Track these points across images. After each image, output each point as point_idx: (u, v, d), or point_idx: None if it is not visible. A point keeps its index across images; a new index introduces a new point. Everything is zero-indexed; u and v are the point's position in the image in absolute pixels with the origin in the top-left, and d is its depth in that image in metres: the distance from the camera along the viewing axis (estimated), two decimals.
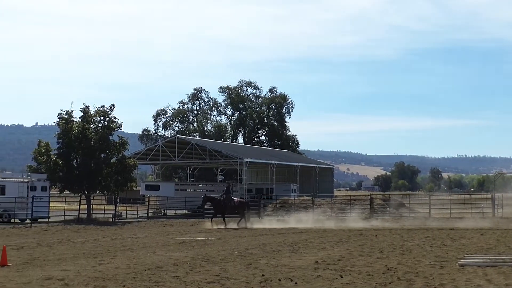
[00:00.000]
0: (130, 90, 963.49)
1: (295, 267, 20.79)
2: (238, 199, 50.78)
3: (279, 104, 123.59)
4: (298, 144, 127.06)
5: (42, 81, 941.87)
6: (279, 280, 17.77)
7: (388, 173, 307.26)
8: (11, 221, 50.87)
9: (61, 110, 57.45)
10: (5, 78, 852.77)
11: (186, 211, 70.84)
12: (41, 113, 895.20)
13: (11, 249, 26.29)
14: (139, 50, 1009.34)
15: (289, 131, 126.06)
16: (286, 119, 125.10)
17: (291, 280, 17.68)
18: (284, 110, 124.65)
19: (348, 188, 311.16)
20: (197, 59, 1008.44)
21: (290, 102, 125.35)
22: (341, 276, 18.46)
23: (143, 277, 18.21)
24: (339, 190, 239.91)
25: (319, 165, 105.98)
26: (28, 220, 49.82)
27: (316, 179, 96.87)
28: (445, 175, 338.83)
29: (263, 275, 18.66)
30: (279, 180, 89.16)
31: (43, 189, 54.25)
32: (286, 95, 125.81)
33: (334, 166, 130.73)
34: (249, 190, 79.89)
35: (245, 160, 79.50)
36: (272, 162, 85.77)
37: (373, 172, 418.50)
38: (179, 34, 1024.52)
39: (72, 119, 57.34)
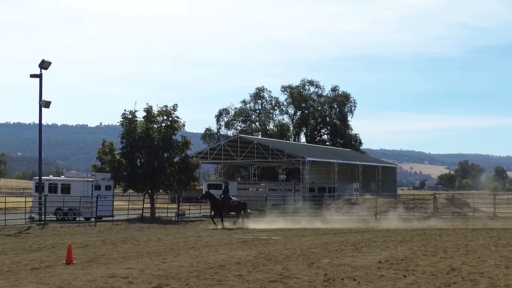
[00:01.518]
0: (192, 90, 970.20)
1: (358, 266, 20.66)
2: (236, 199, 49.65)
3: (341, 102, 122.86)
4: (360, 143, 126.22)
5: (106, 81, 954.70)
6: (342, 279, 17.69)
7: (452, 172, 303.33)
8: (76, 219, 51.60)
9: (125, 110, 58.18)
10: (70, 79, 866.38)
11: (249, 210, 70.93)
12: (105, 113, 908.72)
13: (77, 247, 26.67)
14: (202, 50, 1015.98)
15: (352, 130, 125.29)
16: (349, 118, 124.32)
17: (354, 280, 17.58)
18: (346, 109, 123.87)
19: (411, 187, 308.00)
20: (259, 58, 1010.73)
21: (352, 101, 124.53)
22: (404, 276, 18.29)
23: (206, 276, 18.28)
24: (402, 189, 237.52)
25: (382, 164, 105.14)
26: (92, 219, 50.45)
27: (378, 178, 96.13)
28: (510, 174, 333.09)
29: (325, 274, 18.60)
30: (341, 179, 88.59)
31: (107, 188, 54.89)
32: (348, 93, 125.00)
33: (397, 165, 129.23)
34: (312, 189, 79.57)
35: (308, 159, 79.21)
36: (335, 161, 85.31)
37: (436, 171, 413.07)
38: (241, 34, 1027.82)
39: (136, 119, 57.95)
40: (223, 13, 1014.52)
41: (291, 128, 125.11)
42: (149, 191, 57.92)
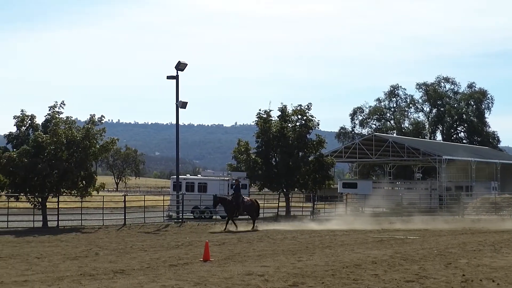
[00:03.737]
0: (326, 88, 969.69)
1: (497, 267, 20.13)
2: (248, 198, 45.21)
3: (478, 99, 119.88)
4: (498, 141, 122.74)
5: (241, 81, 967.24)
6: (480, 280, 17.29)
7: None
8: (212, 218, 52.43)
9: (260, 110, 58.78)
10: (206, 79, 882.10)
11: (384, 209, 70.25)
12: (240, 113, 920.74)
13: (213, 244, 27.10)
14: (337, 49, 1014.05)
15: (489, 127, 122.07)
16: (486, 115, 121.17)
17: (493, 281, 17.15)
18: (483, 106, 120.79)
19: None
20: (393, 56, 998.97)
21: (490, 98, 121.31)
22: None
23: (341, 275, 18.23)
24: None
25: None
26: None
27: None
28: None
29: (463, 275, 18.21)
30: (479, 178, 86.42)
31: (243, 186, 55.40)
32: (486, 90, 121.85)
33: None
34: (448, 188, 77.95)
35: (444, 157, 77.69)
36: (472, 159, 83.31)
37: None
38: (374, 31, 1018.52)
39: (270, 118, 58.43)
40: (352, 11, 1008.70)
41: (427, 126, 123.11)
42: (284, 190, 58.28)
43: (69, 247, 27.17)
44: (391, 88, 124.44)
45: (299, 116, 58.68)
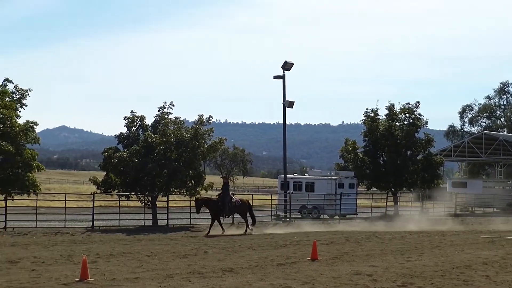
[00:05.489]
0: (433, 86, 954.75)
1: None
2: (238, 198, 39.79)
3: None
4: None
5: (347, 80, 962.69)
6: None
7: None
8: (320, 217, 52.38)
9: (367, 109, 58.38)
10: (314, 78, 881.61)
11: (495, 209, 68.68)
12: (346, 112, 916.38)
13: (321, 244, 27.06)
14: (444, 47, 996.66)
15: None
16: None
17: None
18: None
19: None
20: (503, 52, 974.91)
21: None
22: None
23: (451, 275, 17.96)
24: None
25: None
26: (336, 217, 51.04)
27: None
28: None
29: None
30: None
31: (351, 186, 55.24)
32: None
33: None
34: None
35: None
36: None
37: None
38: (479, 28, 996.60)
39: (378, 117, 57.96)
40: (459, 6, 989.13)
41: None
42: (392, 189, 57.74)
43: (178, 246, 27.62)
44: (501, 85, 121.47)
45: (407, 115, 57.98)
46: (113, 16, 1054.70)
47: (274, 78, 52.36)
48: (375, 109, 58.14)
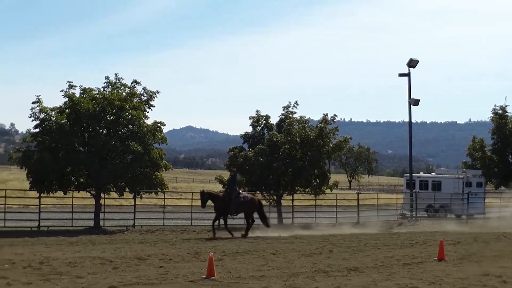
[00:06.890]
0: None
1: None
2: (246, 194, 35.73)
3: None
4: None
5: (473, 77, 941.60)
6: None
7: None
8: (447, 216, 51.49)
9: (495, 105, 56.91)
10: (440, 76, 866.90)
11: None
12: (474, 109, 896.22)
13: (448, 244, 26.63)
14: None
15: None
16: None
17: None
18: None
19: None
20: None
21: None
22: None
23: None
24: None
25: None
26: (463, 216, 50.09)
27: None
28: None
29: None
30: None
31: (478, 185, 54.03)
32: None
33: None
34: None
35: None
36: None
37: None
38: None
39: (506, 114, 56.43)
40: None
41: None
42: None
43: (303, 244, 27.73)
44: None
45: None
46: (233, 18, 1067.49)
47: (399, 76, 51.85)
48: (504, 106, 56.61)
